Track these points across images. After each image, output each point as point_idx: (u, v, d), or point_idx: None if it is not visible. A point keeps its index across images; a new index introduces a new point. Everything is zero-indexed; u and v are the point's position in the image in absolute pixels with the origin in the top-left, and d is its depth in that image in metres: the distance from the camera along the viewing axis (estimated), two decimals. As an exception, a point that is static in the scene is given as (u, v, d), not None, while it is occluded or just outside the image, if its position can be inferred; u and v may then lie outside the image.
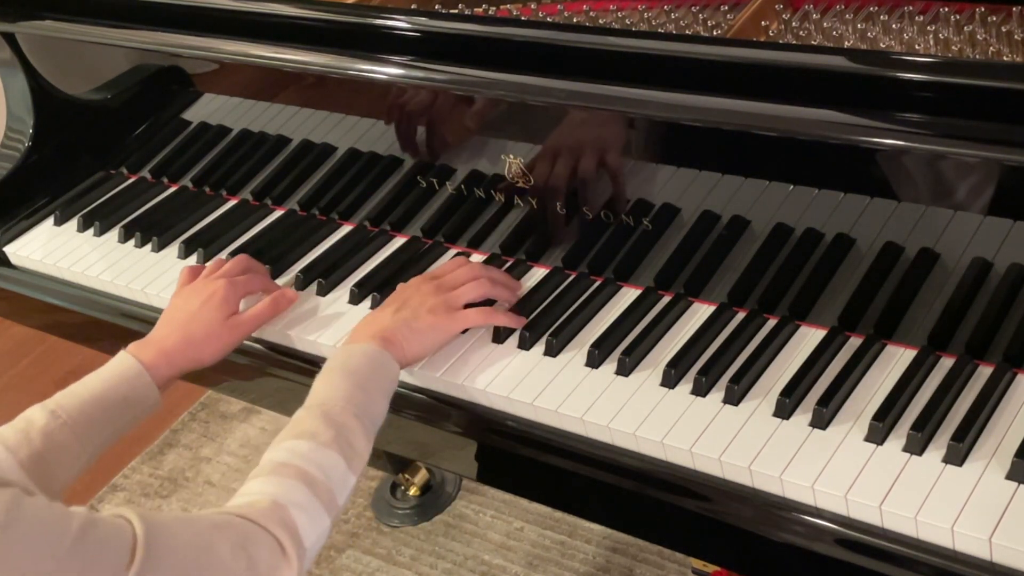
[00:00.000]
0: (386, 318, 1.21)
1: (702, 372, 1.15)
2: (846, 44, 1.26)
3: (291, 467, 1.00)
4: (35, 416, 1.14)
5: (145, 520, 0.86)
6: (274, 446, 1.03)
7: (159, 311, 1.41)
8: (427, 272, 1.32)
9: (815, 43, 1.27)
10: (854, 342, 1.16)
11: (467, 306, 1.26)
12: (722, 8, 1.37)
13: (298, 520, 0.96)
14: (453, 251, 1.43)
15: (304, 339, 1.34)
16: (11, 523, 0.77)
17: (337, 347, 1.17)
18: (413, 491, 2.15)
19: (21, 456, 1.09)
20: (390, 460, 2.10)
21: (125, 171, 1.73)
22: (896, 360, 1.14)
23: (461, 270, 1.29)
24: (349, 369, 1.13)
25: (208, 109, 1.60)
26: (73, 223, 1.64)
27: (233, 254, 1.48)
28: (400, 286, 1.29)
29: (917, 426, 1.04)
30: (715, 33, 1.33)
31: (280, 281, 1.43)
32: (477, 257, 1.40)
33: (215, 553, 0.89)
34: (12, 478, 0.82)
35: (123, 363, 1.23)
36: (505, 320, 1.26)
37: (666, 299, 1.27)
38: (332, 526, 1.00)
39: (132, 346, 1.26)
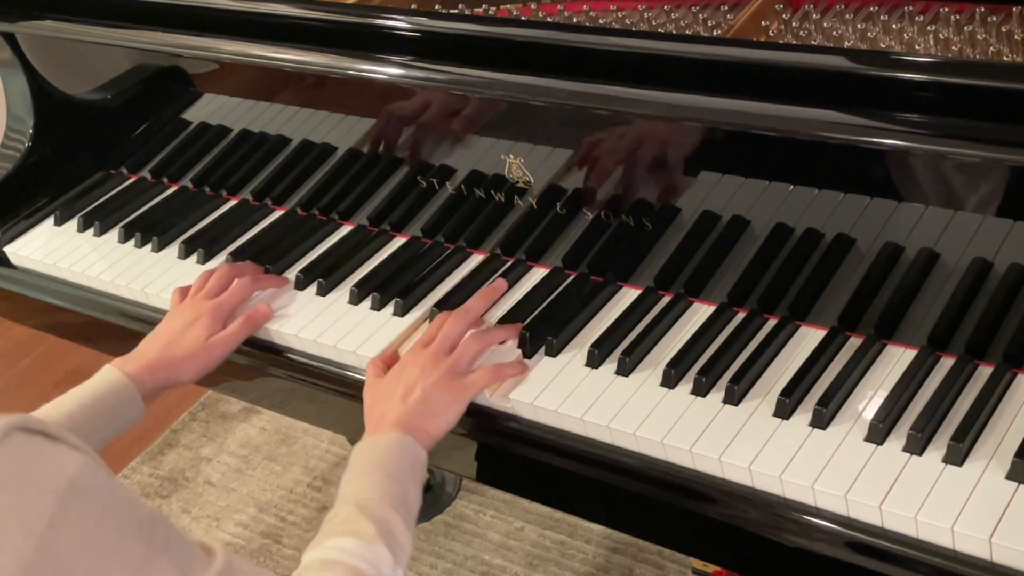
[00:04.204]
0: (398, 406, 1.16)
1: (702, 372, 1.15)
2: (846, 44, 1.26)
3: (341, 564, 0.96)
4: None
5: (228, 553, 0.85)
6: (316, 546, 1.00)
7: (159, 311, 1.42)
8: (416, 343, 1.26)
9: (815, 43, 1.27)
10: (854, 342, 1.16)
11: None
12: (722, 8, 1.37)
13: None
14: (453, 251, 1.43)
15: (304, 339, 1.34)
16: (79, 487, 0.76)
17: (359, 446, 1.13)
18: (413, 491, 2.15)
19: None
20: (390, 460, 2.10)
21: (125, 171, 1.73)
22: (896, 360, 1.14)
23: (449, 328, 1.24)
24: (377, 462, 1.09)
25: (208, 109, 1.60)
26: (73, 223, 1.64)
27: (233, 254, 1.49)
28: (395, 367, 1.23)
29: (917, 426, 1.04)
30: (715, 33, 1.33)
31: (280, 281, 1.44)
32: (478, 258, 1.41)
33: None
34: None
35: (109, 375, 1.25)
36: (512, 371, 1.21)
37: (666, 299, 1.27)
38: None
39: (116, 360, 1.28)
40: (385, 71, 1.34)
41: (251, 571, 0.87)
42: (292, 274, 1.44)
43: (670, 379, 1.16)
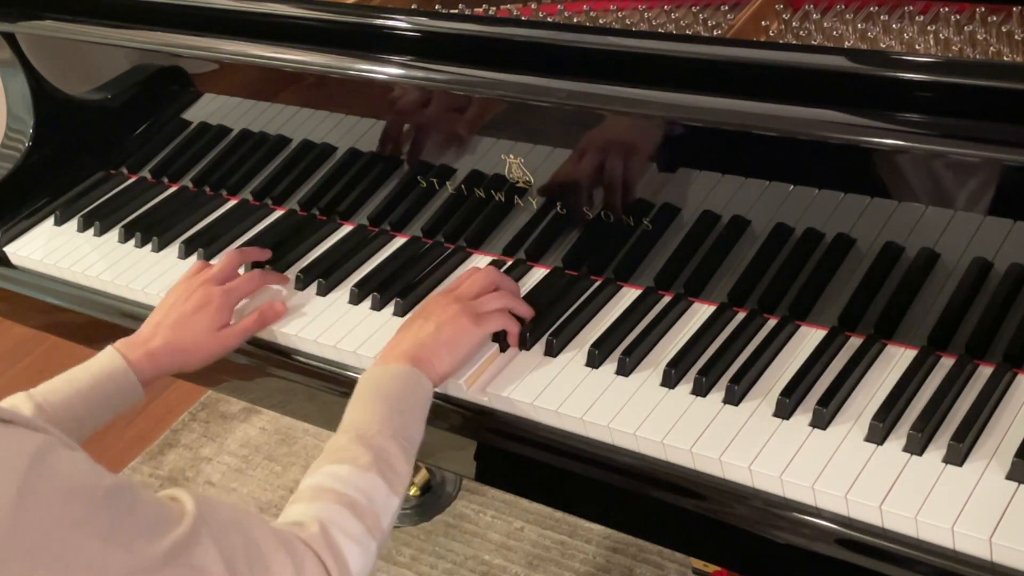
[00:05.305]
0: (410, 337, 1.18)
1: (702, 372, 1.15)
2: (846, 44, 1.26)
3: (332, 492, 0.97)
4: (21, 408, 1.15)
5: (199, 505, 0.85)
6: (311, 472, 1.01)
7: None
8: (444, 287, 1.29)
9: (815, 43, 1.27)
10: (854, 342, 1.16)
11: None
12: (722, 8, 1.37)
13: (344, 547, 0.93)
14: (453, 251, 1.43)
15: (304, 339, 1.34)
16: (40, 465, 0.77)
17: (364, 371, 1.15)
18: (413, 491, 2.15)
19: None
20: (390, 460, 2.10)
21: (125, 171, 1.73)
22: (896, 360, 1.14)
23: (477, 277, 1.27)
24: (381, 393, 1.10)
25: (208, 109, 1.60)
26: (73, 223, 1.64)
27: (233, 254, 1.49)
28: (419, 306, 1.26)
29: (917, 426, 1.04)
30: (715, 33, 1.33)
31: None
32: (478, 258, 1.40)
33: (266, 563, 0.87)
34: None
35: (111, 361, 1.24)
36: (527, 310, 1.25)
37: (666, 299, 1.27)
38: (379, 550, 0.98)
39: (120, 343, 1.27)
40: (385, 71, 1.34)
41: (225, 516, 0.87)
42: (292, 274, 1.43)
43: (670, 379, 1.16)
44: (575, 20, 1.41)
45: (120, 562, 0.79)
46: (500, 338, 1.25)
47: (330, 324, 1.34)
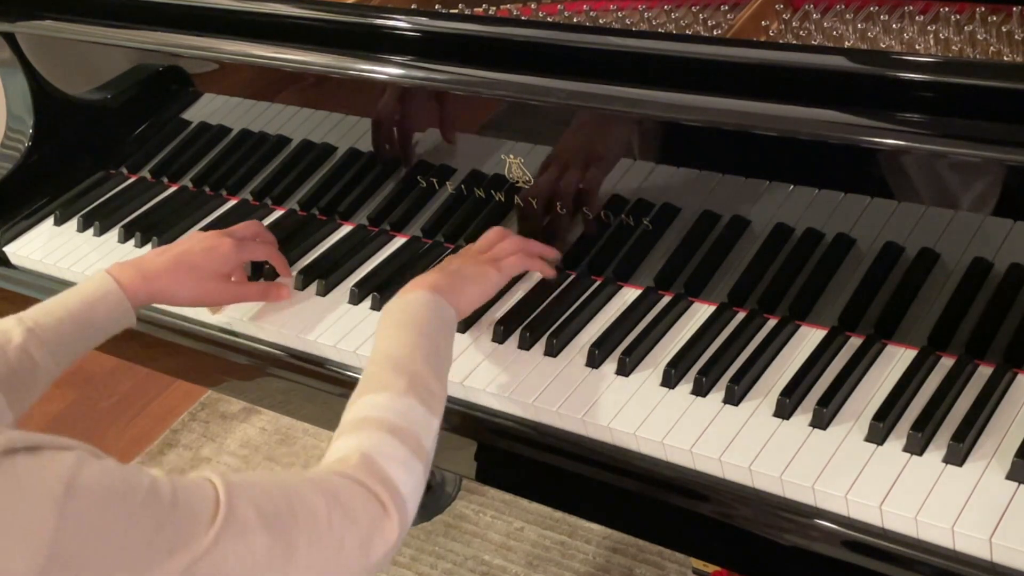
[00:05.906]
0: (433, 273, 1.20)
1: (702, 372, 1.15)
2: (846, 44, 1.26)
3: (373, 420, 0.98)
4: (13, 332, 1.14)
5: (227, 478, 0.85)
6: (350, 406, 1.02)
7: (159, 310, 1.41)
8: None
9: (815, 43, 1.27)
10: (854, 342, 1.16)
11: None
12: (722, 8, 1.37)
13: (391, 470, 0.93)
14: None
15: (304, 339, 1.33)
16: (75, 487, 0.76)
17: (378, 316, 1.16)
18: (413, 491, 2.15)
19: None
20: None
21: (125, 171, 1.73)
22: (896, 360, 1.14)
23: (486, 236, 1.30)
24: (407, 319, 1.11)
25: (208, 109, 1.60)
26: (73, 223, 1.64)
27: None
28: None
29: (917, 426, 1.04)
30: (715, 33, 1.33)
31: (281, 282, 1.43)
32: (477, 257, 1.41)
33: (309, 509, 0.87)
34: (71, 441, 0.81)
35: (103, 285, 1.23)
36: (541, 266, 1.30)
37: (666, 299, 1.27)
38: (425, 473, 0.98)
39: (115, 266, 1.27)
40: (385, 71, 1.34)
41: (256, 480, 0.87)
42: (292, 274, 1.43)
43: (670, 379, 1.16)
44: (575, 20, 1.41)
45: (172, 565, 0.79)
46: (499, 338, 1.25)
47: (330, 324, 1.34)
